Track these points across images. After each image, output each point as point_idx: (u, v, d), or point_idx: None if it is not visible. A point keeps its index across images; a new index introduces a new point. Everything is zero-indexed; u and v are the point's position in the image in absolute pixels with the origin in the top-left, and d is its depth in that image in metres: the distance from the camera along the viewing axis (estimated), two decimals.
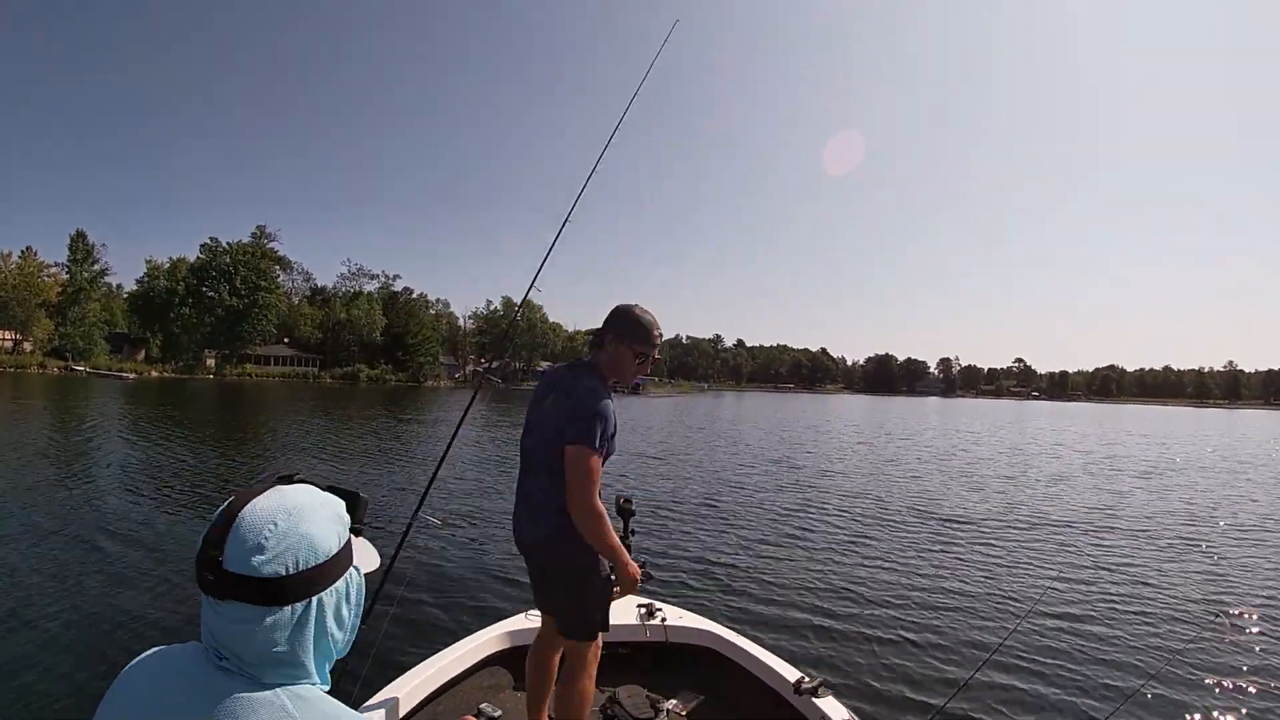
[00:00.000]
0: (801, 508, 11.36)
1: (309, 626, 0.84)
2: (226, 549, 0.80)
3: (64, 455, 14.39)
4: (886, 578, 7.22)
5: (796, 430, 32.04)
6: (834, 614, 5.98)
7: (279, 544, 0.81)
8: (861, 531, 9.64)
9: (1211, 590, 7.37)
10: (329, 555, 0.85)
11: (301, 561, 0.82)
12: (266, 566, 0.80)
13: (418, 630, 5.29)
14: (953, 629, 5.71)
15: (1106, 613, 6.34)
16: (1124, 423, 54.85)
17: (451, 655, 3.01)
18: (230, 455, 16.09)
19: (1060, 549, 8.95)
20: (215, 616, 0.81)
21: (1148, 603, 6.76)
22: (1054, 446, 27.87)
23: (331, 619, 0.87)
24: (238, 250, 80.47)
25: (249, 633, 0.80)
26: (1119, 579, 7.57)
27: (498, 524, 9.22)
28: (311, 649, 0.85)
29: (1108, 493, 14.77)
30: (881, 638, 5.46)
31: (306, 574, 0.83)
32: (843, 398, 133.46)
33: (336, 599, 0.87)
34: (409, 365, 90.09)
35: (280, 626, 0.81)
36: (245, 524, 0.81)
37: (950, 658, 5.10)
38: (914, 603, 6.41)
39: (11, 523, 8.31)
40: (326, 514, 0.87)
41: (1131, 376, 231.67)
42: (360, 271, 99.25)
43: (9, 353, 68.02)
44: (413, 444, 20.10)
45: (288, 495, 0.86)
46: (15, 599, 5.72)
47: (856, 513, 11.06)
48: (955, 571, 7.57)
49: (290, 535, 0.82)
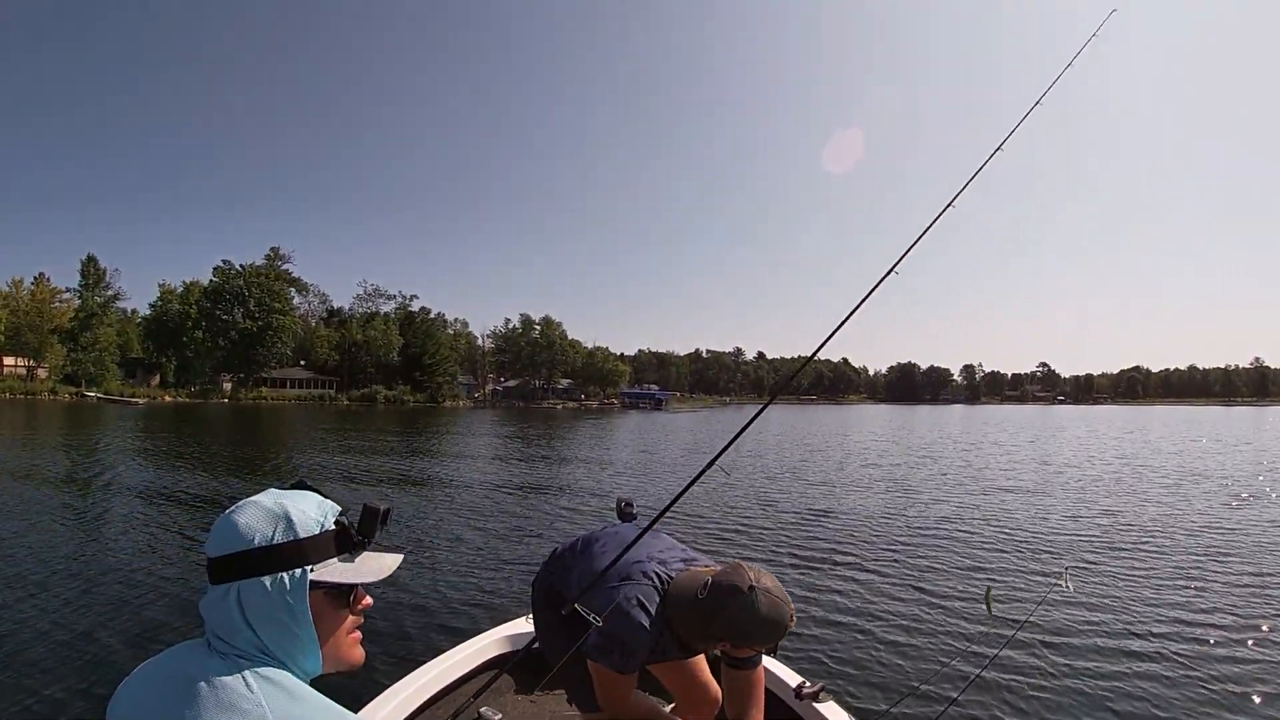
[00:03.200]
0: (801, 513, 11.31)
1: (232, 607, 0.93)
2: (210, 536, 0.97)
3: (45, 482, 13.59)
4: (888, 583, 7.12)
5: (814, 442, 30.83)
6: (835, 619, 5.96)
7: (220, 530, 0.96)
8: (863, 537, 9.50)
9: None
10: (248, 545, 0.94)
11: (222, 547, 0.95)
12: (211, 547, 0.95)
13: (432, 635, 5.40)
14: (955, 634, 5.65)
15: (1109, 613, 6.23)
16: (1169, 426, 50.93)
17: (452, 659, 3.02)
18: (220, 482, 14.73)
19: (1067, 549, 8.81)
20: (206, 604, 0.96)
21: (1151, 601, 6.63)
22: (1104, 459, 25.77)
23: (257, 606, 0.94)
24: (251, 273, 79.46)
25: (211, 609, 0.95)
26: (1123, 577, 7.45)
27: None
28: (289, 634, 0.95)
29: (1100, 491, 14.27)
30: (883, 643, 5.43)
31: (236, 556, 0.94)
32: (865, 408, 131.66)
33: (261, 590, 0.94)
34: (427, 385, 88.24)
35: (220, 604, 0.94)
36: (224, 518, 0.97)
37: (952, 662, 5.07)
38: (916, 607, 6.32)
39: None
40: (265, 510, 0.97)
41: (1156, 377, 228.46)
42: (377, 292, 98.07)
43: (23, 379, 66.98)
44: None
45: (263, 494, 1.01)
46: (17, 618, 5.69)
47: (858, 518, 10.94)
48: (958, 576, 7.44)
49: (227, 523, 0.96)
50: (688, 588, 1.94)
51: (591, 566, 2.09)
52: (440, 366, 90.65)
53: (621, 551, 2.07)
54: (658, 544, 2.16)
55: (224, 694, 0.86)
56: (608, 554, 2.10)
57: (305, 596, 0.95)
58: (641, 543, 2.11)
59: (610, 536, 2.22)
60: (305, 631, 0.96)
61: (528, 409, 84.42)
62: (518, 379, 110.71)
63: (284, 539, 0.95)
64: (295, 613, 0.95)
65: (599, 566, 2.07)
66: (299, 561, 0.96)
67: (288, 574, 0.95)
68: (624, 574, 2.00)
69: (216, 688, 0.87)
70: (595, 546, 2.19)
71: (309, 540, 0.97)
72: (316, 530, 0.98)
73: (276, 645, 0.94)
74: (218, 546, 0.95)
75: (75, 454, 19.56)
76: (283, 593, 0.94)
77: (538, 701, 3.04)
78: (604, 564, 2.06)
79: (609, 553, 2.10)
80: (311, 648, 0.97)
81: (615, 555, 2.06)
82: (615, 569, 2.02)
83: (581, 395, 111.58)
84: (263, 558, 0.94)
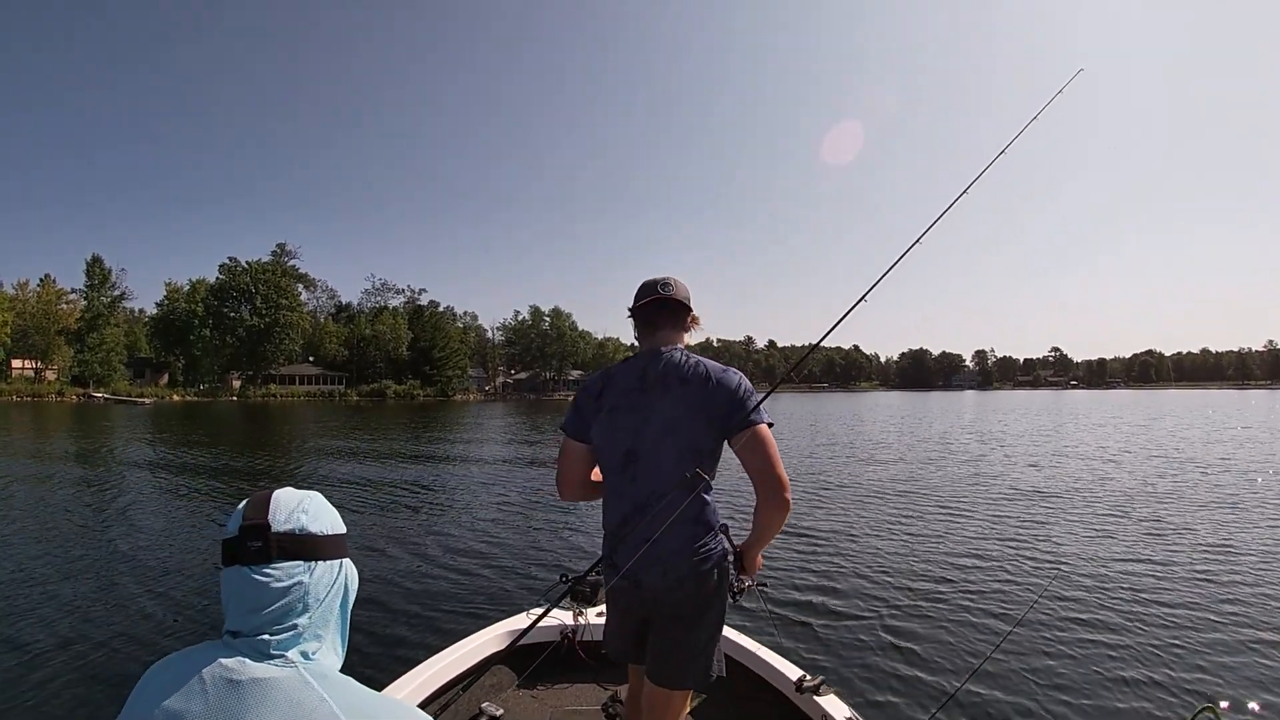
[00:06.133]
0: (802, 504, 10.82)
1: (339, 588, 0.97)
2: (272, 514, 0.93)
3: (48, 483, 13.31)
4: (888, 574, 7.00)
5: (820, 436, 29.94)
6: (836, 612, 5.87)
7: (317, 510, 0.97)
8: (863, 528, 9.28)
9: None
10: (344, 531, 1.00)
11: (332, 527, 0.98)
12: (313, 524, 0.95)
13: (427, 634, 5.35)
14: (956, 626, 5.50)
15: (1105, 603, 6.02)
16: (1197, 411, 48.16)
17: (453, 655, 2.99)
18: (223, 482, 14.13)
19: (1067, 539, 8.54)
20: (254, 588, 0.90)
21: (1152, 602, 6.16)
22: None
23: (351, 591, 1.01)
24: (258, 269, 78.46)
25: (292, 591, 0.91)
26: (1123, 571, 7.08)
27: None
28: (337, 621, 0.98)
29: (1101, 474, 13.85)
30: (884, 635, 5.31)
31: (337, 537, 0.98)
32: (877, 395, 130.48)
33: (349, 576, 1.01)
34: (437, 379, 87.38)
35: (322, 583, 0.95)
36: (284, 496, 0.96)
37: (953, 654, 4.92)
38: (916, 599, 6.19)
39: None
40: (325, 502, 1.01)
41: (1170, 361, 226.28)
42: (385, 286, 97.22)
43: (31, 381, 66.40)
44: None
45: (300, 491, 1.02)
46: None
47: (858, 508, 10.75)
48: (959, 567, 7.25)
49: (322, 505, 0.99)
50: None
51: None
52: (450, 360, 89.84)
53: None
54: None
55: (281, 693, 0.85)
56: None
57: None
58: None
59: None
60: (347, 621, 1.01)
61: (539, 401, 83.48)
62: (528, 371, 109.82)
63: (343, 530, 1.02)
64: (348, 602, 1.00)
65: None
66: (347, 553, 1.02)
67: (349, 561, 1.02)
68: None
69: (273, 687, 0.85)
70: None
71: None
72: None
73: (325, 629, 0.96)
74: (323, 525, 0.96)
75: (78, 456, 19.23)
76: (347, 579, 1.00)
77: (539, 696, 3.05)
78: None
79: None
80: (344, 637, 1.01)
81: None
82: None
83: None
84: (341, 542, 0.99)
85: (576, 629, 3.27)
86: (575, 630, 3.26)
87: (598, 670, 3.18)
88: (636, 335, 2.13)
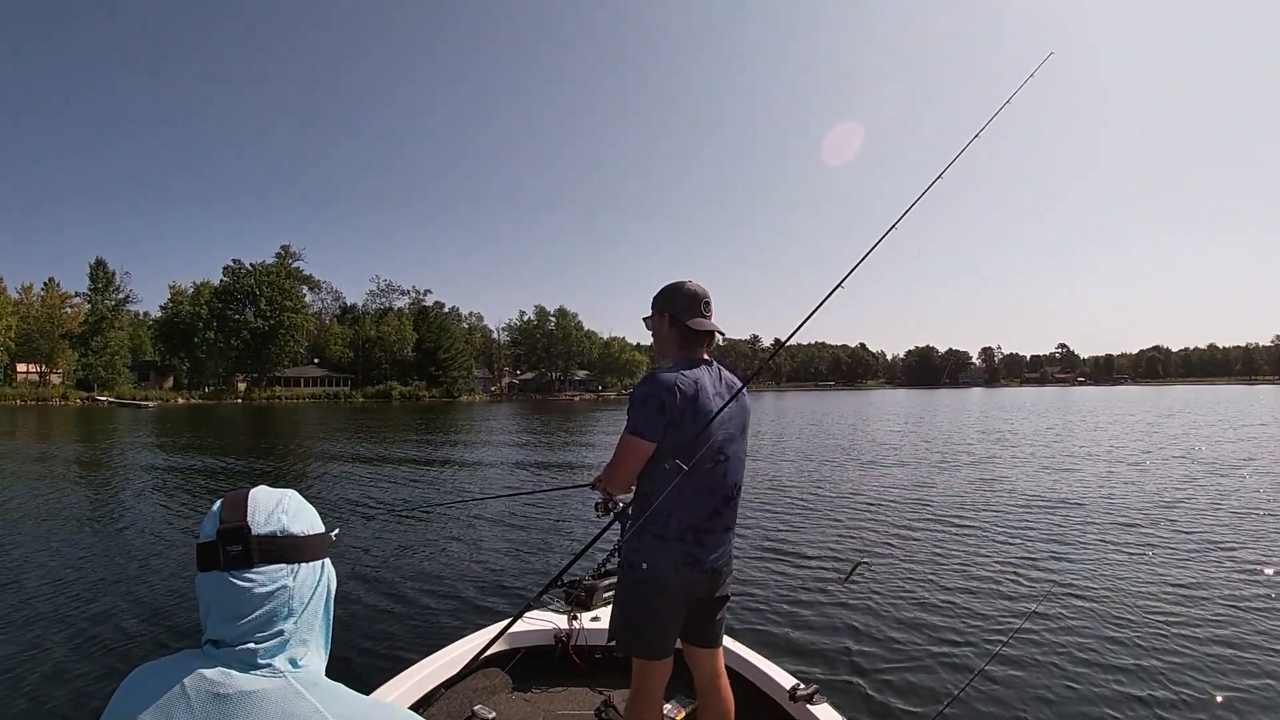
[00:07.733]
0: (794, 510, 10.83)
1: (323, 589, 0.94)
2: (251, 515, 0.88)
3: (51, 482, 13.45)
4: (884, 583, 6.84)
5: (823, 428, 29.94)
6: (830, 620, 5.77)
7: (297, 509, 0.93)
8: (862, 534, 9.14)
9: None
10: (324, 530, 0.96)
11: (312, 526, 0.93)
12: (294, 525, 0.90)
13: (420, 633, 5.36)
14: (951, 635, 5.42)
15: (1105, 609, 5.91)
16: (1216, 409, 47.89)
17: (446, 656, 2.98)
18: (227, 483, 14.08)
19: (1061, 545, 8.36)
20: (236, 594, 0.86)
21: (1157, 602, 6.09)
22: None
23: (333, 590, 0.97)
24: (262, 271, 78.37)
25: (276, 596, 0.87)
26: (1126, 573, 7.04)
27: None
28: (322, 623, 0.95)
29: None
30: (878, 644, 5.25)
31: (318, 537, 0.94)
32: (883, 393, 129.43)
33: (330, 575, 0.97)
34: (442, 381, 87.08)
35: (306, 585, 0.91)
36: (262, 496, 0.91)
37: (947, 664, 4.85)
38: (911, 608, 6.03)
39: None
40: (305, 501, 0.97)
41: (1177, 357, 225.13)
42: (390, 287, 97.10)
43: (35, 385, 66.30)
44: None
45: (275, 489, 0.96)
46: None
47: (858, 514, 10.59)
48: (953, 576, 7.08)
49: (301, 504, 0.94)
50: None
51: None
52: (455, 361, 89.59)
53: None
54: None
55: (273, 705, 0.82)
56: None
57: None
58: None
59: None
60: (330, 621, 0.98)
61: (544, 401, 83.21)
62: (534, 371, 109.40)
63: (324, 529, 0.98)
64: (329, 602, 0.97)
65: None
66: (327, 552, 0.97)
67: (329, 561, 0.98)
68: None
69: (263, 699, 0.82)
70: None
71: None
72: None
73: (310, 633, 0.92)
74: (304, 525, 0.92)
75: (80, 458, 19.20)
76: (329, 580, 0.96)
77: (532, 700, 3.02)
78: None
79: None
80: (328, 638, 0.98)
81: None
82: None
83: (599, 386, 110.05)
84: (321, 542, 0.95)
85: (571, 633, 3.26)
86: (570, 634, 3.26)
87: (591, 674, 3.18)
88: (681, 339, 2.31)
